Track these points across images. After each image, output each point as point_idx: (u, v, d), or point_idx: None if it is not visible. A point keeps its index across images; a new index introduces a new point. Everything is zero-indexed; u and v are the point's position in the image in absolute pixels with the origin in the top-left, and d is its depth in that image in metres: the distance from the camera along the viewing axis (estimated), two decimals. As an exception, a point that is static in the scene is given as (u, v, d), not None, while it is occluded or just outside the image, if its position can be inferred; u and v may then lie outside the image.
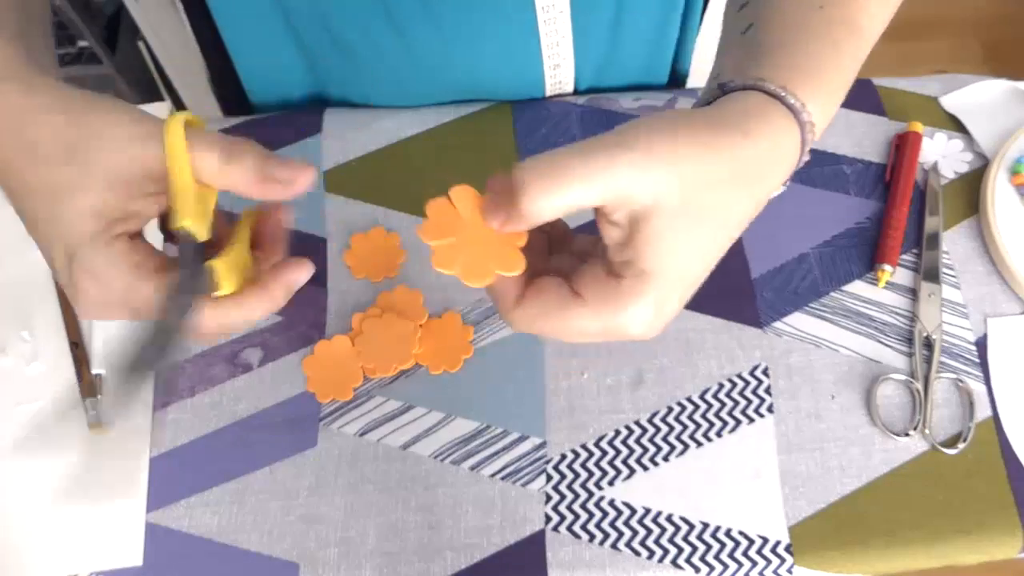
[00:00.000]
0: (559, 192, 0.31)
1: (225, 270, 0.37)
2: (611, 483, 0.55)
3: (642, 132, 0.32)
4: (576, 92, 0.71)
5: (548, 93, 0.70)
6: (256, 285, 0.38)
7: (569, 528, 0.54)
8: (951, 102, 0.69)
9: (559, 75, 0.68)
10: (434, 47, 0.64)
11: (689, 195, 0.31)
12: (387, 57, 0.65)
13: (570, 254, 0.37)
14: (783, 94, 0.35)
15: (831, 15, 0.37)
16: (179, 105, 1.10)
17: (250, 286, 0.38)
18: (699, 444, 0.56)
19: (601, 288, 0.33)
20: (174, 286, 0.36)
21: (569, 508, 0.54)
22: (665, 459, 0.56)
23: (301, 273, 0.39)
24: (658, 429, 0.56)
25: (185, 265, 0.36)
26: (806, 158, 0.37)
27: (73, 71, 1.35)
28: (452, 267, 0.34)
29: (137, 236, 0.37)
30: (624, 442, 0.56)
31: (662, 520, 0.54)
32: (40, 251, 0.38)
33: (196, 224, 0.36)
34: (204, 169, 0.35)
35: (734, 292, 0.61)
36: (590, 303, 0.33)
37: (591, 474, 0.55)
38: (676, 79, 0.75)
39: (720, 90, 0.36)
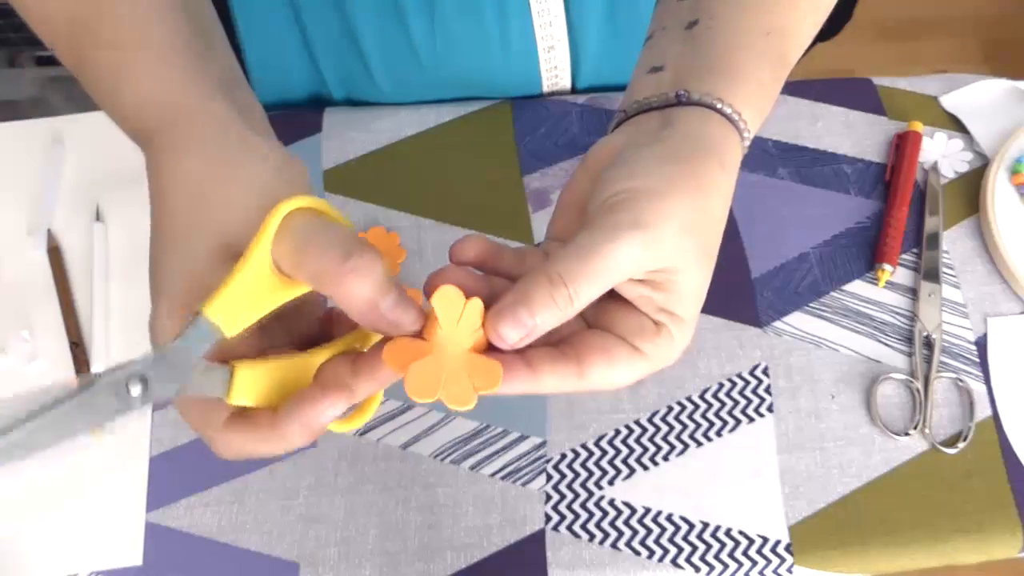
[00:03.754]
0: (587, 292, 0.32)
1: (246, 380, 0.32)
2: (611, 482, 0.55)
3: (642, 202, 0.33)
4: (575, 91, 0.71)
5: (546, 86, 0.70)
6: (269, 413, 0.32)
7: (569, 528, 0.54)
8: (951, 102, 0.69)
9: (554, 59, 0.68)
10: (430, 32, 0.64)
11: (696, 240, 0.34)
12: (388, 44, 0.65)
13: None
14: (736, 118, 0.37)
15: (770, 26, 0.39)
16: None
17: (263, 411, 0.32)
18: (699, 444, 0.56)
19: (655, 340, 0.34)
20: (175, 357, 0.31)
21: (569, 508, 0.54)
22: (665, 458, 0.56)
23: (325, 408, 0.32)
24: (658, 428, 0.56)
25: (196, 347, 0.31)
26: None
27: (74, 71, 1.35)
28: (433, 395, 0.31)
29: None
30: (624, 441, 0.56)
31: (662, 519, 0.54)
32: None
33: (226, 319, 0.31)
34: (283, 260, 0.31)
35: (734, 292, 0.61)
36: (650, 356, 0.34)
37: (591, 473, 0.55)
38: None
39: (676, 99, 0.37)
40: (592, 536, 0.53)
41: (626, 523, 0.54)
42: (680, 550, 0.53)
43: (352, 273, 0.30)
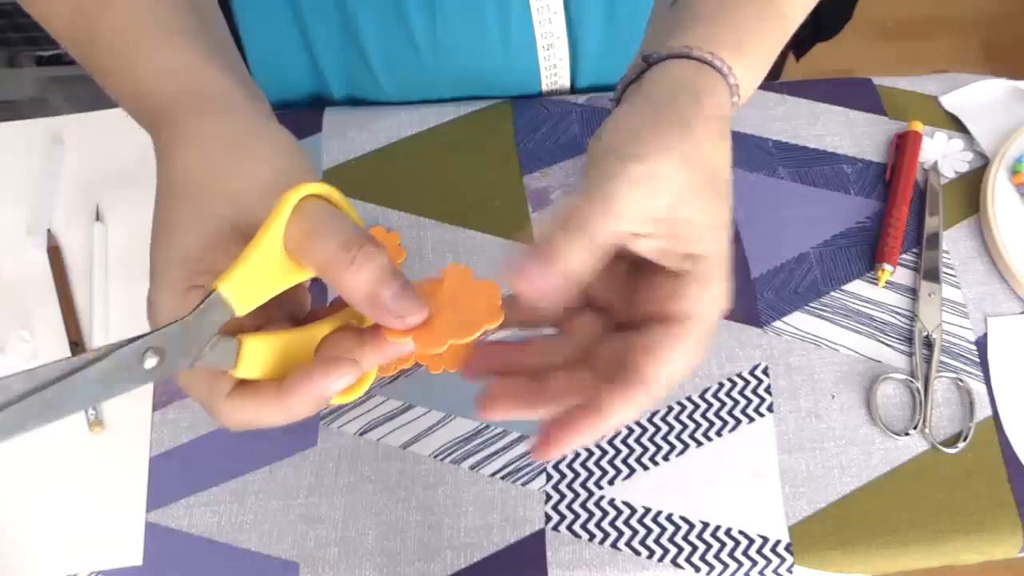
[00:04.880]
0: (599, 229, 0.31)
1: (253, 352, 0.32)
2: (611, 482, 0.55)
3: (635, 141, 0.33)
4: (575, 91, 0.72)
5: (545, 85, 0.70)
6: (273, 384, 0.33)
7: (569, 527, 0.54)
8: (951, 101, 0.69)
9: (553, 57, 0.68)
10: (431, 29, 0.64)
11: (693, 171, 0.33)
12: (389, 42, 0.65)
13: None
14: (710, 58, 0.36)
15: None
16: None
17: (268, 382, 0.33)
18: (699, 443, 0.56)
19: (688, 295, 0.33)
20: (183, 330, 0.31)
21: (569, 507, 0.54)
22: (665, 458, 0.56)
23: (332, 380, 0.32)
24: (658, 428, 0.56)
25: (207, 324, 0.31)
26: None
27: (73, 71, 1.35)
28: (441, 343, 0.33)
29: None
30: (624, 441, 0.56)
31: (662, 519, 0.54)
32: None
33: (239, 296, 0.31)
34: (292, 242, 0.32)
35: (734, 292, 0.61)
36: (695, 312, 0.33)
37: (591, 473, 0.55)
38: None
39: (644, 62, 0.37)
40: (592, 536, 0.53)
41: (626, 523, 0.54)
42: (680, 550, 0.53)
43: (352, 265, 0.31)
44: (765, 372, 0.58)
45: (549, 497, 0.55)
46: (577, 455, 0.56)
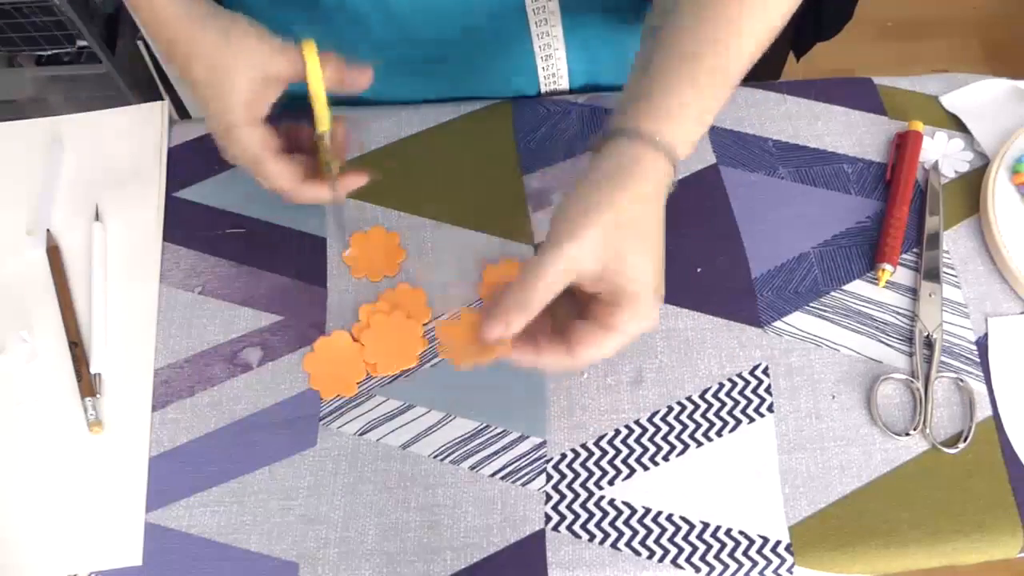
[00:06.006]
0: (536, 296, 0.44)
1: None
2: (611, 483, 0.55)
3: (569, 223, 0.44)
4: (573, 91, 0.71)
5: (544, 89, 0.70)
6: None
7: (569, 528, 0.54)
8: (952, 101, 0.69)
9: (551, 67, 0.68)
10: (423, 24, 0.64)
11: (621, 235, 0.44)
12: (385, 45, 0.65)
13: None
14: (648, 135, 0.46)
15: (699, 65, 0.47)
16: (177, 104, 1.10)
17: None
18: (699, 444, 0.56)
19: (621, 317, 0.45)
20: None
21: (569, 508, 0.54)
22: (665, 459, 0.56)
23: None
24: (658, 429, 0.56)
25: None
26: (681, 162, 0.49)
27: (73, 71, 1.35)
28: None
29: (266, 121, 0.53)
30: (624, 442, 0.56)
31: (662, 520, 0.54)
32: (206, 116, 0.53)
33: (324, 125, 0.53)
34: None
35: (734, 292, 0.61)
36: (621, 328, 0.45)
37: (591, 474, 0.55)
38: None
39: (603, 136, 0.48)
40: (592, 536, 0.53)
41: (626, 523, 0.54)
42: (680, 550, 0.53)
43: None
44: (765, 372, 0.58)
45: (549, 497, 0.54)
46: (577, 455, 0.56)
